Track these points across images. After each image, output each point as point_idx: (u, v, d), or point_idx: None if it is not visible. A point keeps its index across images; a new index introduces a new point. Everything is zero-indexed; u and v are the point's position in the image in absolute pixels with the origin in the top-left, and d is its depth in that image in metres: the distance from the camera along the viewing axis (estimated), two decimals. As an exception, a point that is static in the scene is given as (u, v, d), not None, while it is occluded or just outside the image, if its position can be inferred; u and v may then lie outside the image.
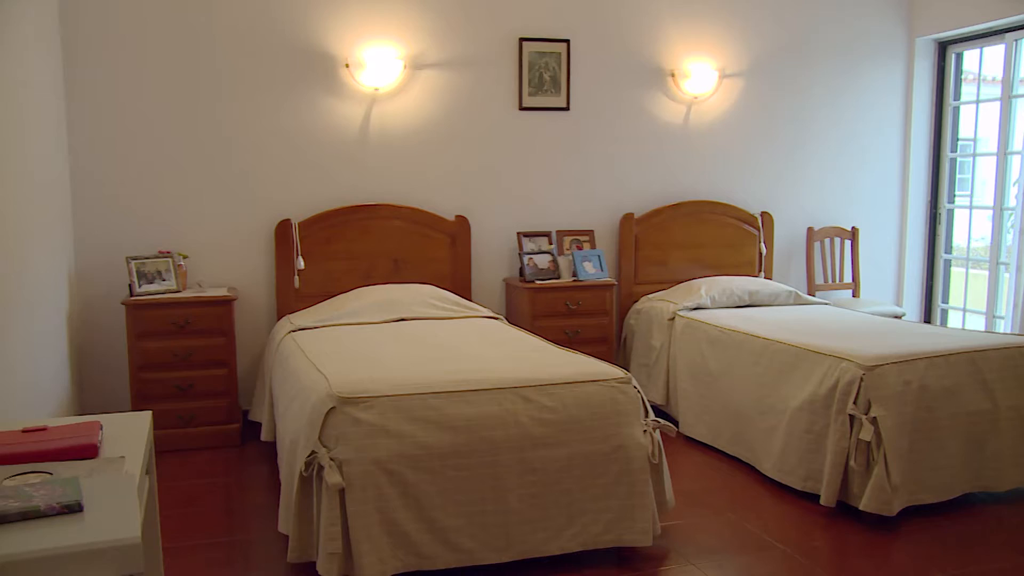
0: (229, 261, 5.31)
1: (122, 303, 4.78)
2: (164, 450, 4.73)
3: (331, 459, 3.07)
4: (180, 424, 4.85)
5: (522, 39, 5.73)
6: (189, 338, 4.83)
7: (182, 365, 4.82)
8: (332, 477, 3.02)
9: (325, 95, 5.41)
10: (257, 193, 5.33)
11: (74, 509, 1.64)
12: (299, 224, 5.31)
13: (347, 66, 5.40)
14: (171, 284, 4.94)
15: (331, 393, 3.19)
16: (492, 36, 5.69)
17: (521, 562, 3.33)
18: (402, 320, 4.99)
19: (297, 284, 5.30)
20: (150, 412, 2.48)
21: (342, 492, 3.05)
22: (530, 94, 5.78)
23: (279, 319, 5.27)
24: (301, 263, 5.27)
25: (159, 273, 4.93)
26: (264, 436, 4.66)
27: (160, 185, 5.17)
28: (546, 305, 5.44)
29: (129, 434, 2.23)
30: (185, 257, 5.11)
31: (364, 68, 5.40)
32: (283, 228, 5.28)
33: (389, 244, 5.50)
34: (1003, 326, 6.05)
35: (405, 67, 5.51)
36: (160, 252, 5.03)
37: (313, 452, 3.10)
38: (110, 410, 4.93)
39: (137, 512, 1.65)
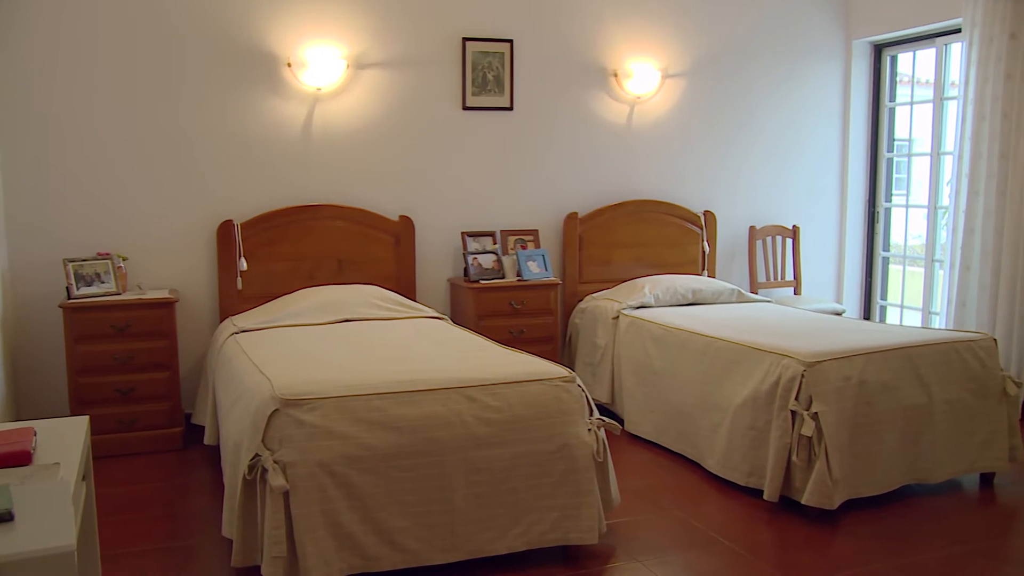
0: (170, 263, 5.23)
1: (59, 306, 4.69)
2: (105, 455, 4.66)
3: (275, 462, 3.03)
4: (121, 428, 4.77)
5: (465, 39, 5.72)
6: (130, 341, 4.75)
7: (123, 369, 4.74)
8: (276, 480, 2.99)
9: (267, 94, 5.35)
10: (198, 194, 5.26)
11: (4, 518, 1.59)
12: (241, 225, 5.25)
13: (289, 65, 5.35)
14: (110, 286, 4.85)
15: (274, 395, 3.16)
16: (435, 36, 5.68)
17: (468, 562, 3.33)
18: (346, 321, 4.96)
19: (240, 285, 5.24)
20: (87, 417, 2.43)
21: (286, 495, 3.02)
22: (474, 94, 5.78)
23: (222, 321, 5.21)
24: (244, 264, 5.22)
25: (98, 275, 4.84)
26: (207, 439, 4.61)
27: (98, 185, 5.08)
28: (491, 305, 5.44)
29: (65, 440, 2.18)
30: (125, 259, 5.03)
31: (306, 68, 5.35)
32: (225, 229, 5.22)
33: (333, 245, 5.46)
34: (938, 322, 6.19)
35: (348, 67, 5.48)
36: (99, 254, 4.94)
37: (257, 455, 3.07)
38: (48, 416, 4.82)
39: (71, 519, 1.61)
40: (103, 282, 4.84)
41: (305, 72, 5.36)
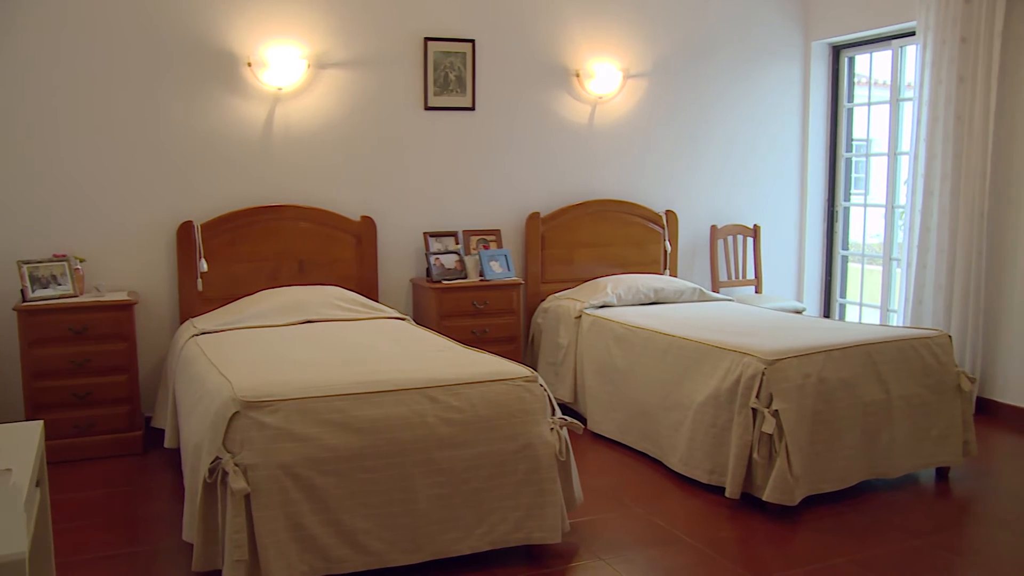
0: (129, 264, 5.17)
1: (14, 309, 4.61)
2: (62, 461, 4.60)
3: (236, 464, 3.01)
4: (78, 433, 4.71)
5: (427, 39, 5.71)
6: (87, 344, 4.69)
7: (80, 372, 4.68)
8: (237, 483, 2.97)
9: (227, 94, 5.31)
10: (157, 194, 5.20)
11: (-46, 525, 1.57)
12: (202, 226, 5.20)
13: (249, 65, 5.31)
14: (67, 288, 4.78)
15: (234, 397, 3.14)
16: (397, 36, 5.66)
17: (431, 563, 3.33)
18: (308, 322, 4.94)
19: (200, 287, 5.19)
20: (41, 422, 2.39)
21: (247, 498, 3.00)
22: (435, 94, 5.77)
23: (182, 323, 5.15)
24: (204, 265, 5.17)
25: (54, 277, 4.78)
26: (167, 443, 4.56)
27: (54, 185, 5.00)
28: (453, 305, 5.44)
29: (18, 445, 2.15)
30: (82, 261, 4.96)
31: (267, 67, 5.31)
32: (185, 230, 5.16)
33: (294, 245, 5.43)
34: (896, 319, 6.26)
35: (309, 66, 5.45)
36: (55, 256, 4.87)
37: (217, 458, 3.04)
38: (2, 421, 4.75)
39: (23, 526, 1.58)
40: (59, 284, 4.78)
41: (266, 72, 5.32)
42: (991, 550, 3.74)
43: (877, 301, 6.71)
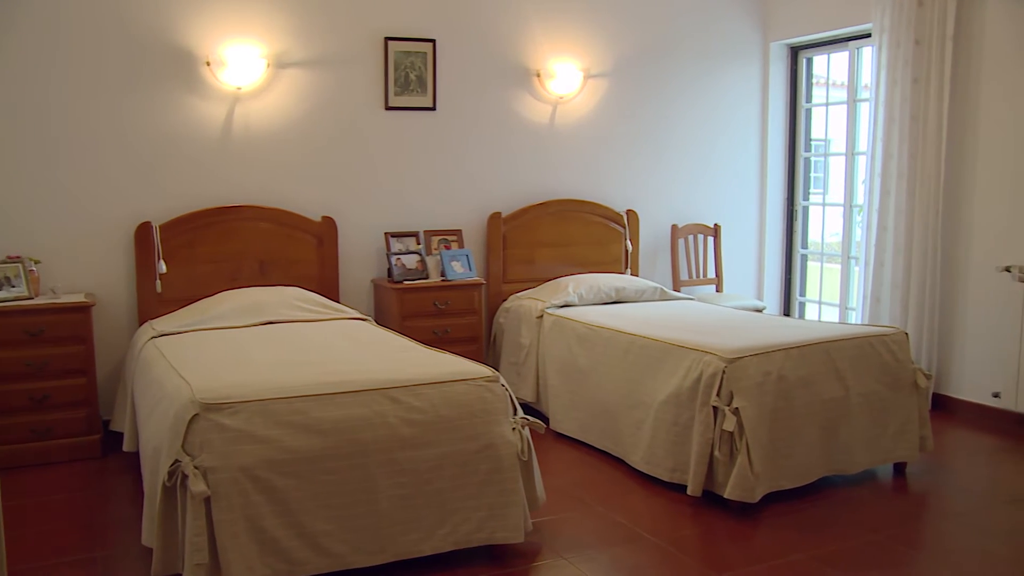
0: (86, 266, 5.10)
1: (-32, 312, 4.54)
2: (18, 466, 4.54)
3: (195, 467, 2.99)
4: (35, 438, 4.64)
5: (387, 38, 5.69)
6: (43, 347, 4.62)
7: (36, 376, 4.61)
8: (197, 486, 2.94)
9: (186, 94, 5.25)
10: (114, 194, 5.14)
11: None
12: (160, 227, 5.14)
13: (208, 64, 5.26)
14: (22, 290, 4.71)
15: (194, 399, 3.11)
16: (357, 35, 5.64)
17: (394, 564, 3.32)
18: (268, 323, 4.90)
19: (159, 288, 5.13)
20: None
21: (208, 501, 2.98)
22: (396, 94, 5.75)
23: (141, 325, 5.10)
24: (163, 267, 5.11)
25: (8, 279, 4.70)
26: (126, 446, 4.51)
27: (7, 186, 4.92)
28: (414, 305, 5.43)
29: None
30: (37, 262, 4.88)
31: (226, 66, 5.27)
32: (143, 231, 5.11)
33: (255, 246, 5.39)
34: (855, 317, 6.34)
35: (268, 66, 5.41)
36: (9, 257, 4.79)
37: (177, 461, 3.02)
38: (-43, 425, 4.68)
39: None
40: (13, 286, 4.71)
41: (224, 71, 5.27)
42: (946, 543, 3.81)
43: (836, 299, 6.79)
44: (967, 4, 5.46)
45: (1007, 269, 5.22)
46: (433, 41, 5.81)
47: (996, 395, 5.34)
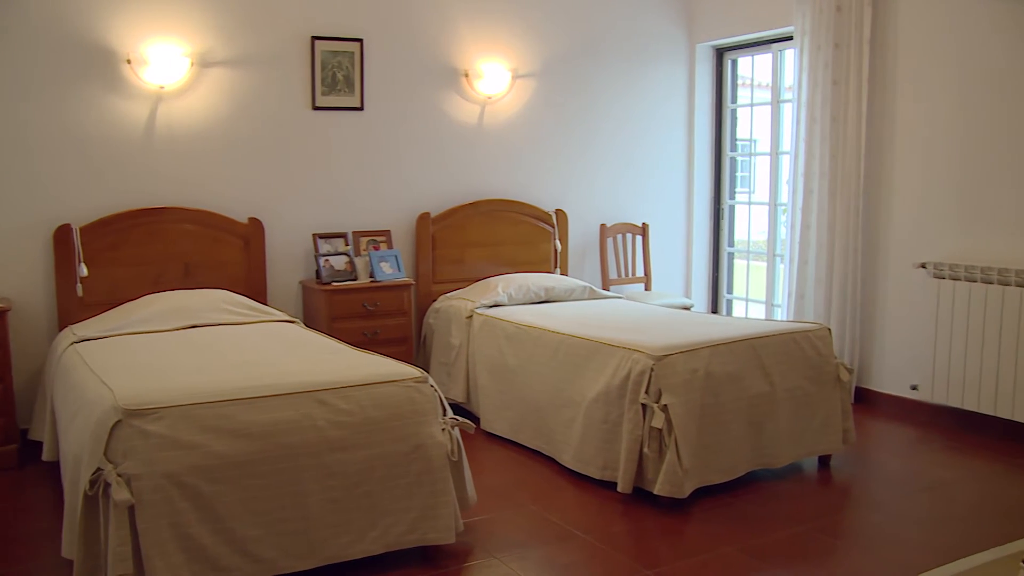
0: (1, 269, 4.95)
1: None
2: (-69, 476, 4.39)
3: (118, 475, 2.92)
4: (-51, 447, 4.50)
5: (314, 37, 5.63)
6: (-43, 354, 4.49)
7: (-50, 383, 4.48)
8: (120, 494, 2.88)
9: (105, 92, 5.13)
10: (31, 196, 4.99)
11: None
12: (81, 229, 5.01)
13: (129, 62, 5.14)
14: (-66, 296, 4.57)
15: (116, 406, 3.05)
16: (283, 34, 5.57)
17: (325, 568, 3.29)
18: (194, 327, 4.81)
19: (80, 292, 5.00)
20: None
21: (131, 509, 2.92)
22: (323, 93, 5.70)
23: (61, 330, 4.96)
24: (84, 270, 4.98)
25: (-80, 285, 4.55)
26: (46, 455, 4.39)
27: (-81, 190, 4.77)
28: (343, 307, 5.38)
29: None
30: (-50, 267, 4.74)
31: (148, 65, 5.16)
32: (62, 233, 4.97)
33: (179, 248, 5.29)
34: (780, 314, 6.46)
35: (192, 65, 5.31)
36: (-79, 262, 4.64)
37: (99, 469, 2.94)
38: None
39: None
40: (-73, 292, 4.56)
41: (146, 70, 5.17)
42: (868, 532, 3.90)
43: (762, 296, 6.91)
44: (883, 10, 5.61)
45: (923, 265, 5.36)
46: (360, 41, 5.76)
47: (914, 387, 5.49)
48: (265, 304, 5.42)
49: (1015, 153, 5.00)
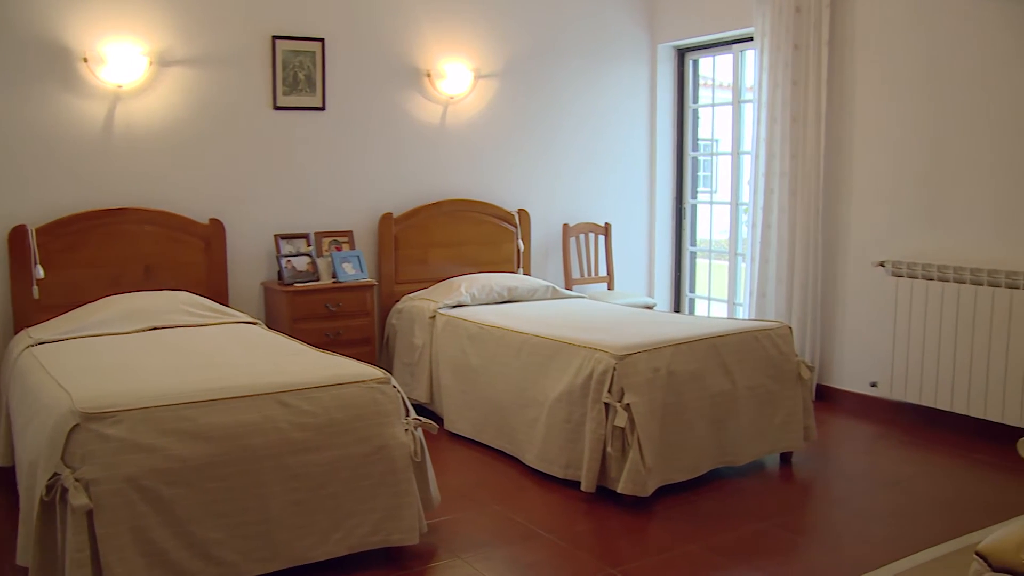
0: (-45, 272, 4.87)
1: None
2: None
3: (76, 480, 2.88)
4: (-98, 453, 4.41)
5: (275, 37, 5.59)
6: (-90, 358, 4.40)
7: (-98, 388, 4.39)
8: (78, 499, 2.84)
9: (62, 91, 5.05)
10: (-15, 198, 4.92)
11: None
12: (37, 230, 4.93)
13: (85, 61, 5.07)
14: None
15: (74, 409, 3.01)
16: (243, 33, 5.52)
17: (288, 570, 3.27)
18: (154, 329, 4.75)
19: (36, 295, 4.92)
20: None
21: (90, 514, 2.88)
22: (284, 93, 5.66)
23: (16, 333, 4.87)
24: (40, 272, 4.90)
25: None
26: (0, 462, 4.31)
27: None
28: (306, 308, 5.35)
29: None
30: (-98, 269, 4.65)
31: (105, 64, 5.09)
32: (17, 235, 4.89)
33: (139, 249, 5.22)
34: (742, 312, 6.51)
35: (151, 64, 5.25)
36: None
37: (56, 474, 2.90)
38: None
39: None
40: None
41: (104, 68, 5.10)
42: (830, 528, 3.96)
43: (724, 295, 6.96)
44: (841, 11, 5.67)
45: (882, 264, 5.43)
46: (322, 40, 5.73)
47: (874, 384, 5.56)
48: (226, 305, 5.37)
49: (971, 153, 5.08)
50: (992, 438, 4.90)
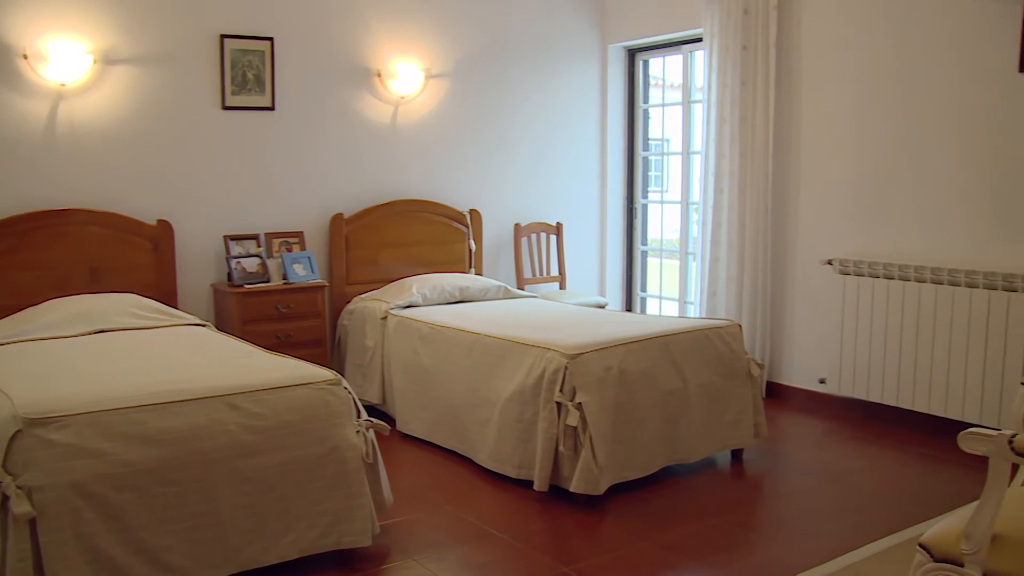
0: None
1: None
2: None
3: (18, 487, 2.82)
4: None
5: (223, 36, 5.52)
6: None
7: None
8: (20, 507, 2.78)
9: (1, 90, 4.95)
10: (-76, 199, 4.80)
11: None
12: (-23, 232, 4.84)
13: (25, 57, 4.97)
14: None
15: (16, 415, 2.95)
16: (191, 32, 5.45)
17: (239, 575, 3.23)
18: (101, 332, 4.67)
19: (-23, 298, 4.83)
20: None
21: (33, 522, 2.83)
22: (233, 93, 5.60)
23: (-43, 337, 4.78)
24: (-19, 275, 4.81)
25: None
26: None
27: None
28: (256, 309, 5.30)
29: None
30: None
31: (47, 61, 4.99)
32: (-42, 237, 4.80)
33: (85, 251, 5.13)
34: (693, 311, 6.56)
35: (95, 62, 5.16)
36: None
37: (-4, 481, 2.85)
38: None
39: None
40: None
41: (46, 66, 5.00)
42: (780, 523, 4.01)
43: (675, 294, 7.02)
44: (788, 13, 5.75)
45: (829, 262, 5.51)
46: (271, 39, 5.68)
47: (822, 381, 5.64)
48: (175, 308, 5.30)
49: (914, 152, 5.17)
50: (936, 432, 4.99)
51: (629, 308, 7.44)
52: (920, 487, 4.38)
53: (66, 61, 5.02)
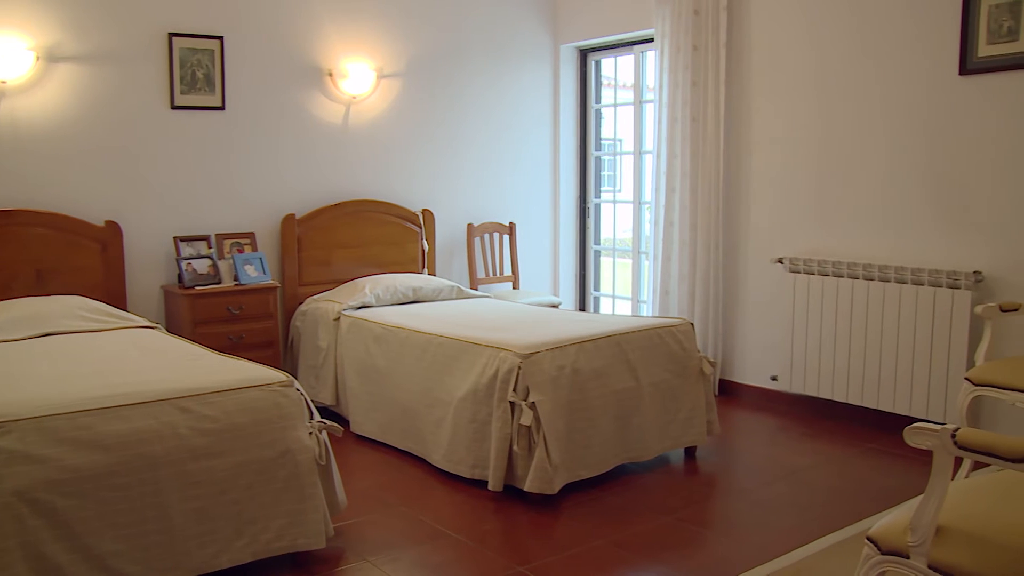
0: None
1: None
2: None
3: (-40, 496, 2.77)
4: None
5: (172, 34, 5.45)
6: None
7: None
8: (-39, 515, 2.73)
9: (-57, 90, 4.86)
10: None
11: None
12: (-82, 234, 4.73)
13: (-33, 58, 4.88)
14: None
15: (-43, 421, 2.89)
16: (138, 30, 5.37)
17: (190, 580, 3.20)
18: (48, 335, 4.59)
19: (-82, 302, 4.72)
20: None
21: (-24, 530, 2.77)
22: (182, 92, 5.53)
23: (-103, 342, 4.67)
24: (-78, 278, 4.70)
25: None
26: None
27: None
28: (207, 311, 5.24)
29: None
30: None
31: (-13, 60, 4.91)
32: (-102, 239, 4.69)
33: (30, 253, 5.04)
34: (646, 310, 6.60)
35: (38, 59, 5.07)
36: None
37: (-64, 490, 2.79)
38: None
39: None
40: None
41: (-13, 65, 4.92)
42: (733, 519, 4.04)
43: (628, 293, 7.06)
44: (737, 14, 5.80)
45: (780, 261, 5.57)
46: (221, 38, 5.62)
47: (774, 378, 5.70)
48: (124, 310, 5.23)
49: (862, 152, 5.24)
50: (884, 427, 5.08)
51: (582, 307, 7.47)
52: (869, 481, 4.45)
53: (6, 58, 4.92)
